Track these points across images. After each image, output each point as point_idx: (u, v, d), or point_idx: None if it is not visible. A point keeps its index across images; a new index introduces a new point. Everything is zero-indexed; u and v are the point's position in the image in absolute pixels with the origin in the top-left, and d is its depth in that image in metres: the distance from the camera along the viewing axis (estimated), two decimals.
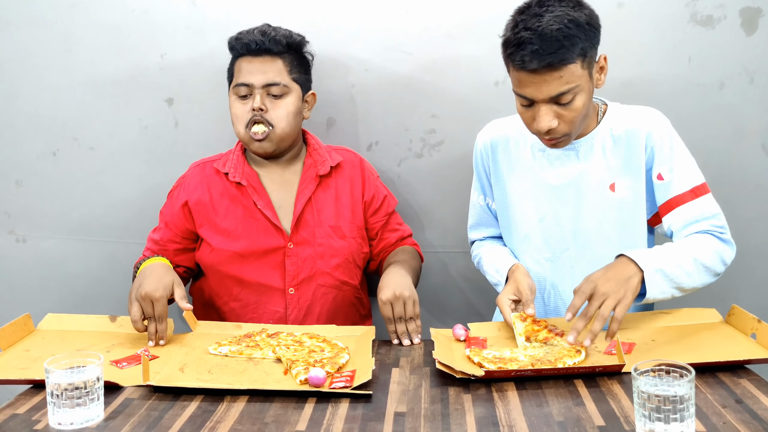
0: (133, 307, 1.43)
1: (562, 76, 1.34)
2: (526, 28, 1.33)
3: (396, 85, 1.88)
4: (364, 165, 1.78)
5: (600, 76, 1.44)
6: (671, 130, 1.50)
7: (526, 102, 1.40)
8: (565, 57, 1.32)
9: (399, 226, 1.82)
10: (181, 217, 1.70)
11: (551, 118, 1.38)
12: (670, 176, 1.47)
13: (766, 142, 1.85)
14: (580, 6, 1.38)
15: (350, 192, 1.73)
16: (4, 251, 2.00)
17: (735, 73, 1.81)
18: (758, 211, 1.87)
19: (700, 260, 1.40)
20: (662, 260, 1.36)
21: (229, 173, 1.68)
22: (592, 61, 1.39)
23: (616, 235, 1.52)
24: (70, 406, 1.10)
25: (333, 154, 1.74)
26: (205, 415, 1.15)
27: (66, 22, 1.88)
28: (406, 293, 1.48)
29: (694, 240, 1.44)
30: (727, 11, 1.78)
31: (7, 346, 1.41)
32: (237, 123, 1.64)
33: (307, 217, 1.68)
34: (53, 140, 1.95)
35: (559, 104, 1.37)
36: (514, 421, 1.11)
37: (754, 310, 1.41)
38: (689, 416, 1.00)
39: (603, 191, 1.51)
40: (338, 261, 1.69)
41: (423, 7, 1.85)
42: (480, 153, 1.64)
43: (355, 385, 1.21)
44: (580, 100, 1.38)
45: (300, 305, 1.66)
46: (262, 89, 1.62)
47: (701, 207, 1.46)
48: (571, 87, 1.35)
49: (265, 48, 1.62)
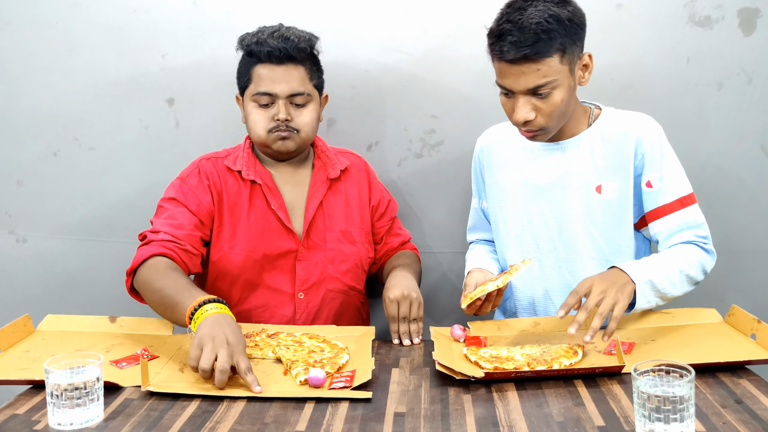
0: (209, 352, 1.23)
1: (540, 69, 1.37)
2: (509, 20, 1.38)
3: (396, 86, 1.89)
4: (368, 169, 1.78)
5: (584, 74, 1.47)
6: (662, 138, 1.51)
7: (506, 92, 1.44)
8: (542, 50, 1.36)
9: (400, 231, 1.82)
10: (210, 207, 1.59)
11: (528, 110, 1.42)
12: (659, 185, 1.49)
13: (764, 142, 1.85)
14: (564, 3, 1.41)
15: (358, 197, 1.72)
16: (4, 251, 2.00)
17: (733, 74, 1.81)
18: (757, 211, 1.87)
19: (685, 272, 1.44)
20: (651, 272, 1.40)
21: (242, 171, 1.63)
22: (573, 57, 1.42)
23: (601, 236, 1.54)
24: (70, 407, 1.10)
25: (340, 158, 1.73)
26: (205, 415, 1.15)
27: (67, 22, 1.89)
28: (413, 294, 1.49)
29: (680, 251, 1.47)
30: (726, 12, 1.78)
31: (6, 346, 1.41)
32: (257, 128, 1.59)
33: (318, 221, 1.66)
34: (54, 140, 1.95)
35: (537, 97, 1.41)
36: (513, 421, 1.11)
37: (754, 310, 1.41)
38: (689, 416, 1.00)
39: (589, 192, 1.53)
40: (348, 266, 1.68)
41: (423, 8, 1.85)
42: (477, 156, 1.69)
43: (354, 385, 1.21)
44: (558, 95, 1.41)
45: (309, 310, 1.65)
46: (286, 99, 1.58)
47: (687, 217, 1.49)
48: (548, 81, 1.38)
49: (289, 56, 1.57)
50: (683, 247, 1.47)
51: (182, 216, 1.56)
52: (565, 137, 1.54)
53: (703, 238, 1.49)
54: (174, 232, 1.53)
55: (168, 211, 1.58)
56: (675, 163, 1.51)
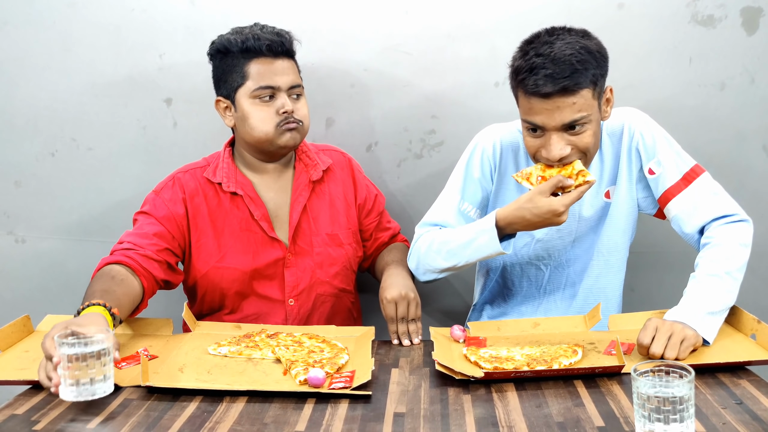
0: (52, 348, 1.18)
1: (575, 102, 1.33)
2: (538, 54, 1.33)
3: (395, 86, 1.88)
4: (352, 165, 1.76)
5: (606, 108, 1.44)
6: (650, 124, 1.52)
7: (534, 130, 1.38)
8: (579, 81, 1.32)
9: (389, 224, 1.81)
10: (182, 220, 1.59)
11: (563, 145, 1.36)
12: (659, 169, 1.49)
13: (766, 142, 1.85)
14: (588, 36, 1.38)
15: (344, 196, 1.71)
16: (3, 252, 2.00)
17: (736, 74, 1.81)
18: (759, 212, 1.86)
19: (732, 271, 1.39)
20: (710, 306, 1.34)
21: (222, 183, 1.62)
22: (601, 91, 1.39)
23: (610, 239, 1.56)
24: (82, 374, 1.12)
25: (322, 156, 1.71)
26: (205, 415, 1.14)
27: (64, 22, 1.88)
28: (411, 294, 1.49)
29: (716, 252, 1.41)
30: (728, 11, 1.78)
31: (6, 347, 1.40)
32: (264, 125, 1.56)
33: (303, 226, 1.65)
34: (52, 141, 1.94)
35: (570, 132, 1.36)
36: (513, 421, 1.11)
37: (754, 310, 1.41)
38: (689, 417, 1.00)
39: (599, 199, 1.55)
40: (336, 269, 1.68)
41: (422, 8, 1.84)
42: (485, 156, 1.58)
43: (354, 385, 1.21)
44: (590, 130, 1.37)
45: (300, 315, 1.65)
46: (287, 91, 1.58)
47: (697, 192, 1.47)
48: (583, 115, 1.34)
49: (285, 50, 1.59)
50: (716, 243, 1.42)
51: (149, 227, 1.57)
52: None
53: (725, 213, 1.44)
54: (136, 241, 1.53)
55: (138, 223, 1.59)
56: (669, 143, 1.51)
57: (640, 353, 1.30)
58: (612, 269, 1.59)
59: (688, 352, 1.28)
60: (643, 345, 1.28)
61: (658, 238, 1.83)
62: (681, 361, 1.25)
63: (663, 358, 1.26)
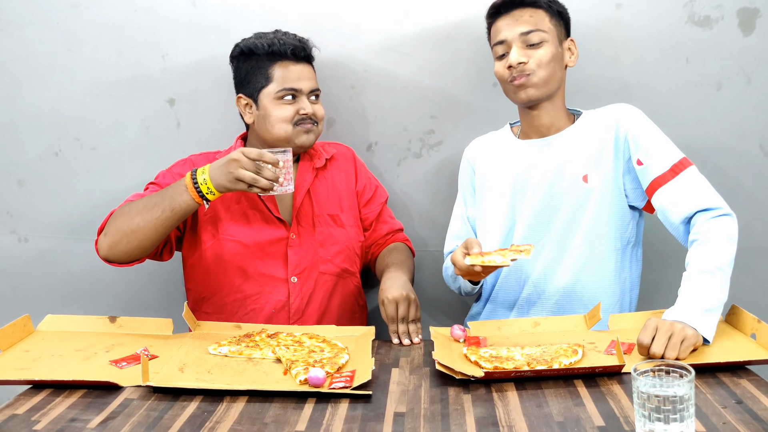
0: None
1: (532, 16, 1.54)
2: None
3: (395, 86, 1.89)
4: (356, 158, 1.84)
5: (570, 57, 1.61)
6: (641, 117, 1.56)
7: (501, 52, 1.57)
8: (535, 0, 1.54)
9: (390, 219, 1.85)
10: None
11: (522, 53, 1.54)
12: (648, 160, 1.52)
13: (763, 142, 1.85)
14: None
15: (345, 182, 1.78)
16: (6, 251, 2.00)
17: (732, 74, 1.81)
18: (756, 211, 1.87)
19: (723, 266, 1.39)
20: (706, 303, 1.34)
21: None
22: (560, 29, 1.58)
23: (588, 224, 1.57)
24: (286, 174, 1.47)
25: (327, 147, 1.79)
26: (205, 415, 1.15)
27: (67, 22, 1.89)
28: (411, 296, 1.51)
29: (706, 248, 1.41)
30: (725, 12, 1.78)
31: (6, 346, 1.41)
32: (281, 123, 1.64)
33: (306, 207, 1.71)
34: (55, 140, 1.95)
35: (530, 47, 1.54)
36: (513, 421, 1.11)
37: (754, 310, 1.40)
38: (689, 416, 1.00)
39: (576, 182, 1.58)
40: (338, 248, 1.73)
41: (422, 8, 1.85)
42: (467, 163, 1.74)
43: (354, 385, 1.21)
44: (547, 50, 1.54)
45: (302, 294, 1.68)
46: (308, 94, 1.67)
47: (684, 183, 1.48)
48: (539, 29, 1.54)
49: (306, 55, 1.67)
50: (703, 239, 1.42)
51: (154, 189, 1.63)
52: (552, 133, 1.61)
53: (711, 206, 1.45)
54: (140, 195, 1.61)
55: (147, 191, 1.65)
56: (658, 135, 1.54)
57: (640, 353, 1.30)
58: (599, 257, 1.58)
59: (689, 352, 1.28)
60: (643, 345, 1.29)
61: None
62: (681, 360, 1.26)
63: (663, 358, 1.26)
